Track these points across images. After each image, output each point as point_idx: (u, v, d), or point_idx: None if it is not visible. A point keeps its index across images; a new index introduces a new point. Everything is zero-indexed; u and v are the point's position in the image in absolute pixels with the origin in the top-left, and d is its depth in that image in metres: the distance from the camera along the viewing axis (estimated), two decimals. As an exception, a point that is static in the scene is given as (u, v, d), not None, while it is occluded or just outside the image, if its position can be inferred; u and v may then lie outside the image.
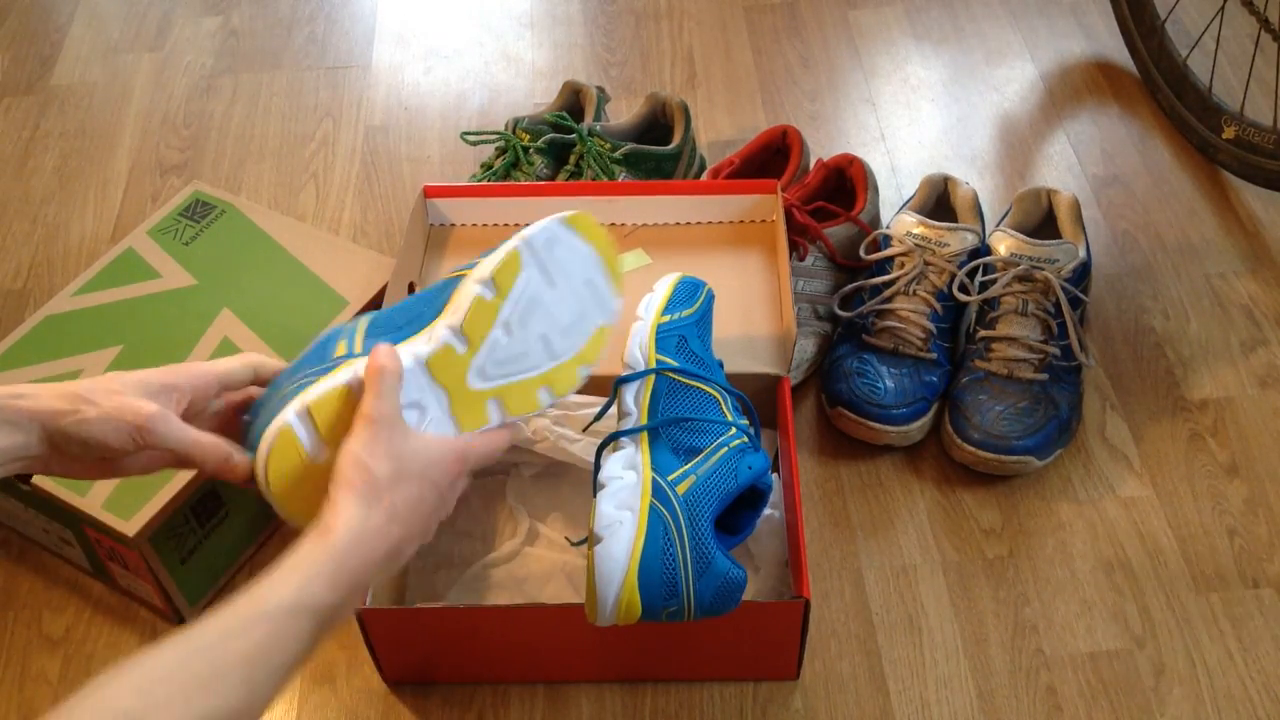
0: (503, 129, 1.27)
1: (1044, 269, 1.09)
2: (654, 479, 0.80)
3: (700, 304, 0.93)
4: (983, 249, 1.14)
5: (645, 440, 0.83)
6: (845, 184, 1.25)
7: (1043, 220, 1.19)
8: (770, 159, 1.28)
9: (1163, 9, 1.37)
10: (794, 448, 0.95)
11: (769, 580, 0.96)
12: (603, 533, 0.77)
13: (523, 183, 1.23)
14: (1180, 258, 1.25)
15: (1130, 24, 1.41)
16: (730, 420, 0.85)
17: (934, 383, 1.09)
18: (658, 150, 1.27)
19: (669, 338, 0.88)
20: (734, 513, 0.84)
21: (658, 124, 1.32)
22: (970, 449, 1.04)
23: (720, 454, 0.82)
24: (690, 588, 0.77)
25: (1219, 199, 1.30)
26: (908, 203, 1.19)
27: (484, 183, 1.24)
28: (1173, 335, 1.18)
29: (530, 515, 1.02)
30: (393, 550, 0.69)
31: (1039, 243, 1.11)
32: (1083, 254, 1.12)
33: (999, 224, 1.17)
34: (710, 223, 1.17)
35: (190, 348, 1.06)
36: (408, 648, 0.92)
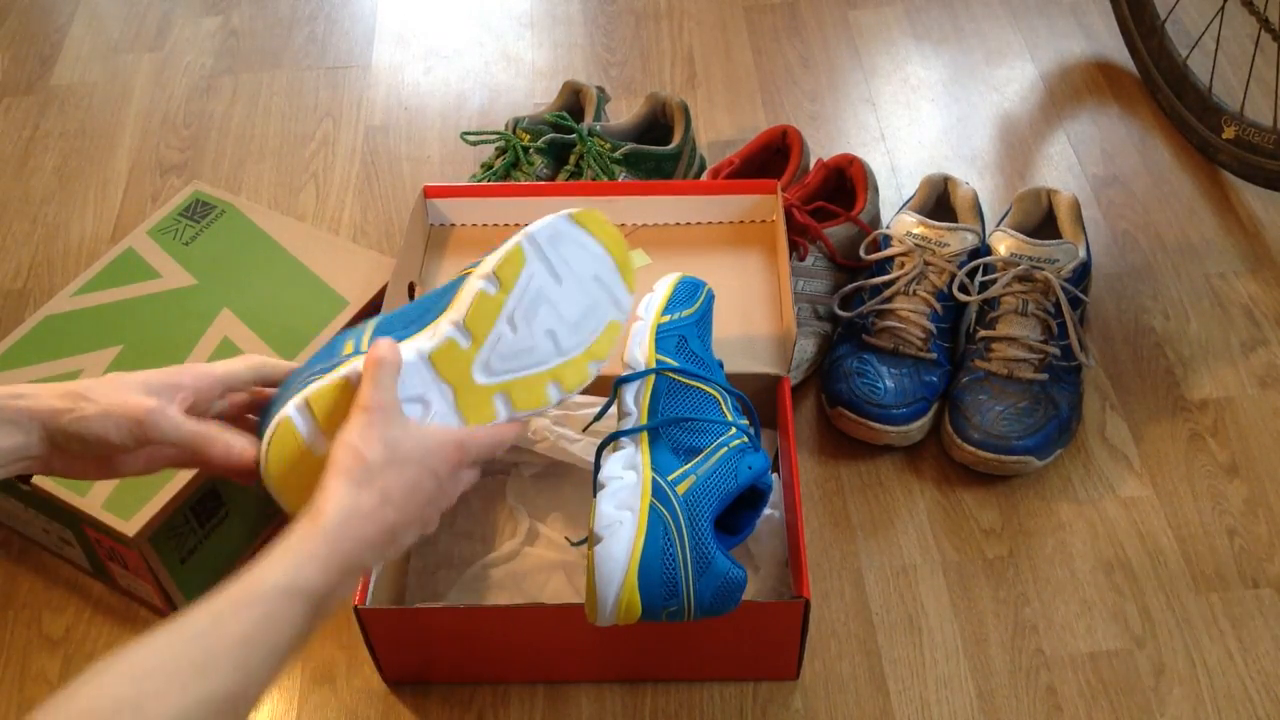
0: (503, 129, 1.27)
1: (1044, 269, 1.09)
2: (654, 479, 0.80)
3: (700, 304, 0.93)
4: (983, 249, 1.14)
5: (645, 440, 0.83)
6: (845, 184, 1.25)
7: (1043, 220, 1.19)
8: (770, 159, 1.28)
9: (1163, 9, 1.37)
10: (794, 448, 0.95)
11: (769, 580, 0.96)
12: (603, 533, 0.77)
13: (523, 183, 1.23)
14: (1180, 258, 1.25)
15: (1130, 24, 1.41)
16: (730, 420, 0.85)
17: (934, 383, 1.09)
18: (658, 150, 1.27)
19: (669, 338, 0.88)
20: (734, 513, 0.84)
21: (658, 124, 1.32)
22: (970, 449, 1.04)
23: (720, 454, 0.82)
24: (690, 588, 0.77)
25: (1219, 199, 1.30)
26: (908, 203, 1.19)
27: (484, 183, 1.24)
28: (1173, 335, 1.18)
29: (530, 515, 1.02)
30: (386, 533, 0.69)
31: (1039, 243, 1.11)
32: (1083, 254, 1.12)
33: (999, 224, 1.17)
34: (710, 223, 1.17)
35: (190, 348, 1.06)
36: (408, 648, 0.92)
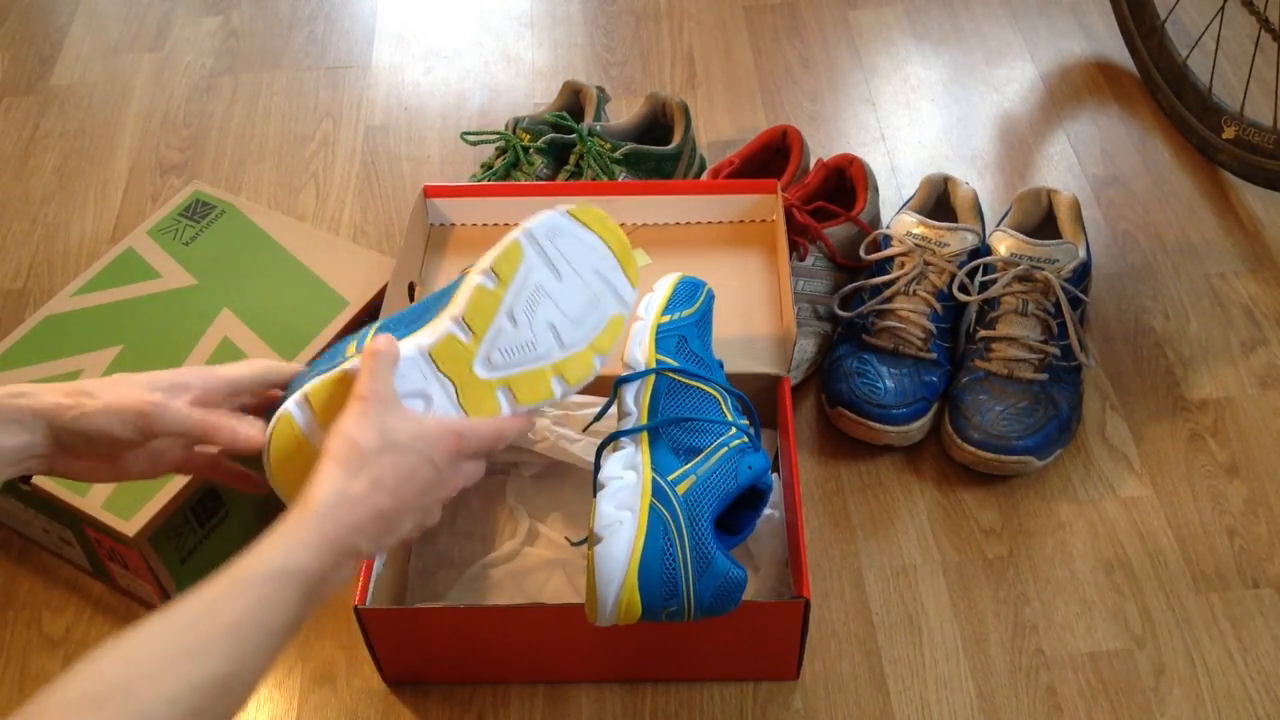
0: (503, 129, 1.27)
1: (1044, 269, 1.09)
2: (654, 479, 0.80)
3: (700, 304, 0.93)
4: (983, 249, 1.14)
5: (645, 440, 0.83)
6: (845, 184, 1.25)
7: (1043, 220, 1.19)
8: (770, 159, 1.28)
9: (1163, 9, 1.37)
10: (794, 448, 0.95)
11: (769, 580, 0.96)
12: (603, 533, 0.77)
13: (523, 183, 1.23)
14: (1180, 258, 1.25)
15: (1130, 24, 1.41)
16: (730, 420, 0.85)
17: (934, 383, 1.09)
18: (658, 150, 1.27)
19: (669, 338, 0.88)
20: (734, 513, 0.84)
21: (658, 124, 1.32)
22: (970, 449, 1.04)
23: (720, 454, 0.82)
24: (690, 588, 0.77)
25: (1219, 199, 1.30)
26: (908, 203, 1.19)
27: (484, 183, 1.24)
28: (1173, 335, 1.18)
29: (530, 515, 1.02)
30: (379, 518, 0.68)
31: (1039, 243, 1.11)
32: (1083, 254, 1.12)
33: (999, 224, 1.17)
34: (710, 223, 1.17)
35: (190, 348, 1.06)
36: (408, 648, 0.92)
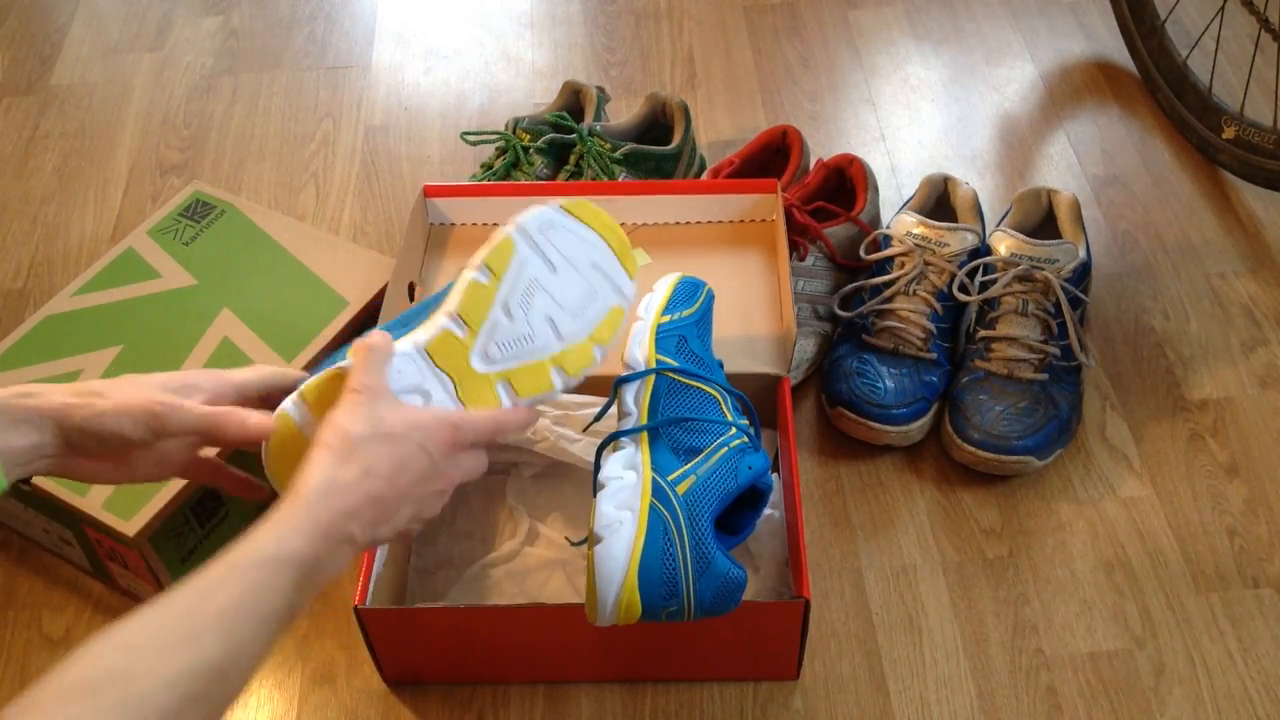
0: (503, 129, 1.27)
1: (1044, 269, 1.09)
2: (654, 479, 0.80)
3: (700, 304, 0.93)
4: (983, 249, 1.14)
5: (645, 440, 0.83)
6: (845, 184, 1.25)
7: (1043, 220, 1.19)
8: (770, 159, 1.28)
9: (1163, 9, 1.37)
10: (794, 448, 0.95)
11: (769, 580, 0.96)
12: (603, 533, 0.77)
13: (523, 183, 1.23)
14: (1180, 258, 1.25)
15: (1130, 24, 1.41)
16: (730, 420, 0.85)
17: (934, 383, 1.08)
18: (658, 150, 1.27)
19: (669, 338, 0.88)
20: (734, 513, 0.84)
21: (658, 124, 1.32)
22: (970, 449, 1.04)
23: (720, 454, 0.82)
24: (690, 588, 0.77)
25: (1219, 199, 1.30)
26: (908, 203, 1.19)
27: (484, 183, 1.24)
28: (1173, 335, 1.18)
29: (530, 515, 1.02)
30: (370, 504, 0.68)
31: (1039, 243, 1.11)
32: (1083, 254, 1.12)
33: (999, 224, 1.17)
34: (710, 223, 1.17)
35: (190, 348, 1.06)
36: (408, 648, 0.92)
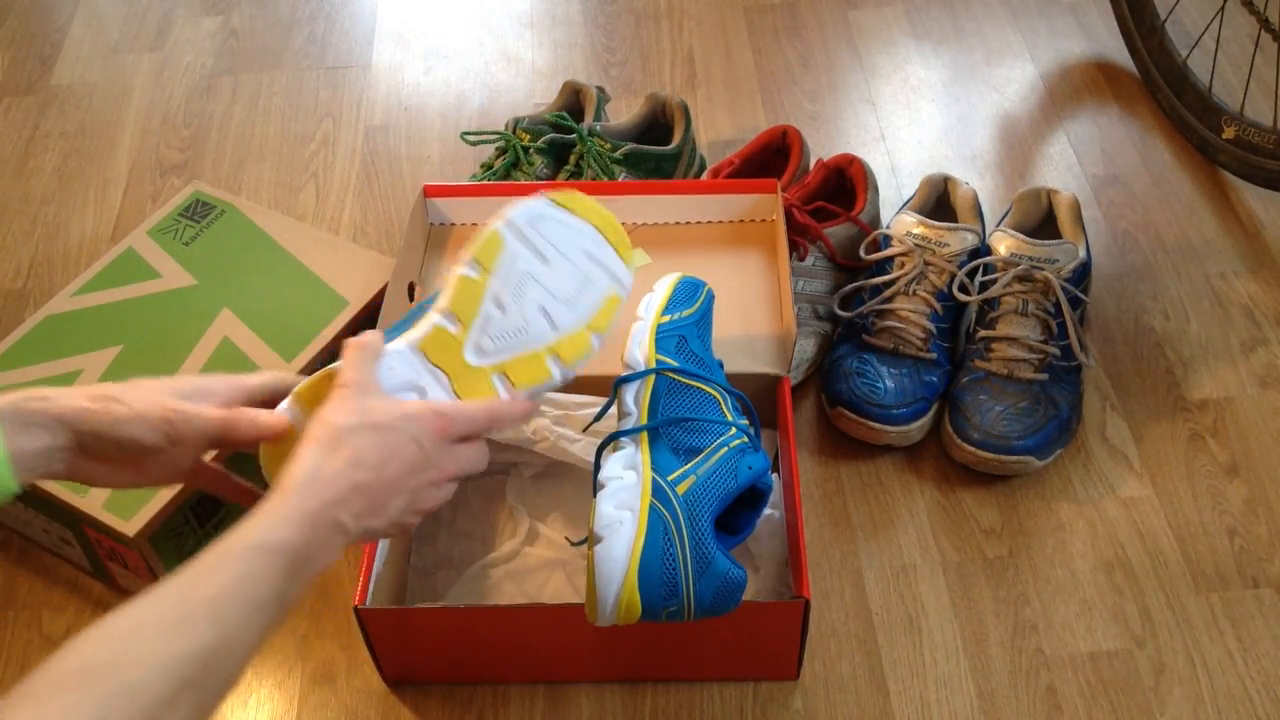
0: (503, 129, 1.27)
1: (1044, 269, 1.09)
2: (654, 479, 0.80)
3: (700, 304, 0.93)
4: (983, 249, 1.14)
5: (645, 440, 0.83)
6: (845, 184, 1.25)
7: (1043, 220, 1.19)
8: (770, 159, 1.28)
9: (1163, 9, 1.37)
10: (794, 448, 0.95)
11: (769, 580, 0.96)
12: (603, 533, 0.77)
13: (523, 182, 1.23)
14: (1180, 258, 1.25)
15: (1130, 24, 1.41)
16: (730, 420, 0.85)
17: (934, 383, 1.08)
18: (658, 150, 1.27)
19: (669, 338, 0.88)
20: (734, 513, 0.84)
21: (658, 124, 1.32)
22: (970, 449, 1.04)
23: (720, 454, 0.82)
24: (690, 588, 0.77)
25: (1219, 199, 1.30)
26: (908, 203, 1.19)
27: (484, 182, 1.24)
28: (1173, 335, 1.18)
29: (530, 515, 1.02)
30: (358, 492, 0.68)
31: (1039, 243, 1.11)
32: (1083, 254, 1.12)
33: (999, 224, 1.17)
34: (710, 223, 1.17)
35: (190, 348, 1.06)
36: (408, 648, 0.92)
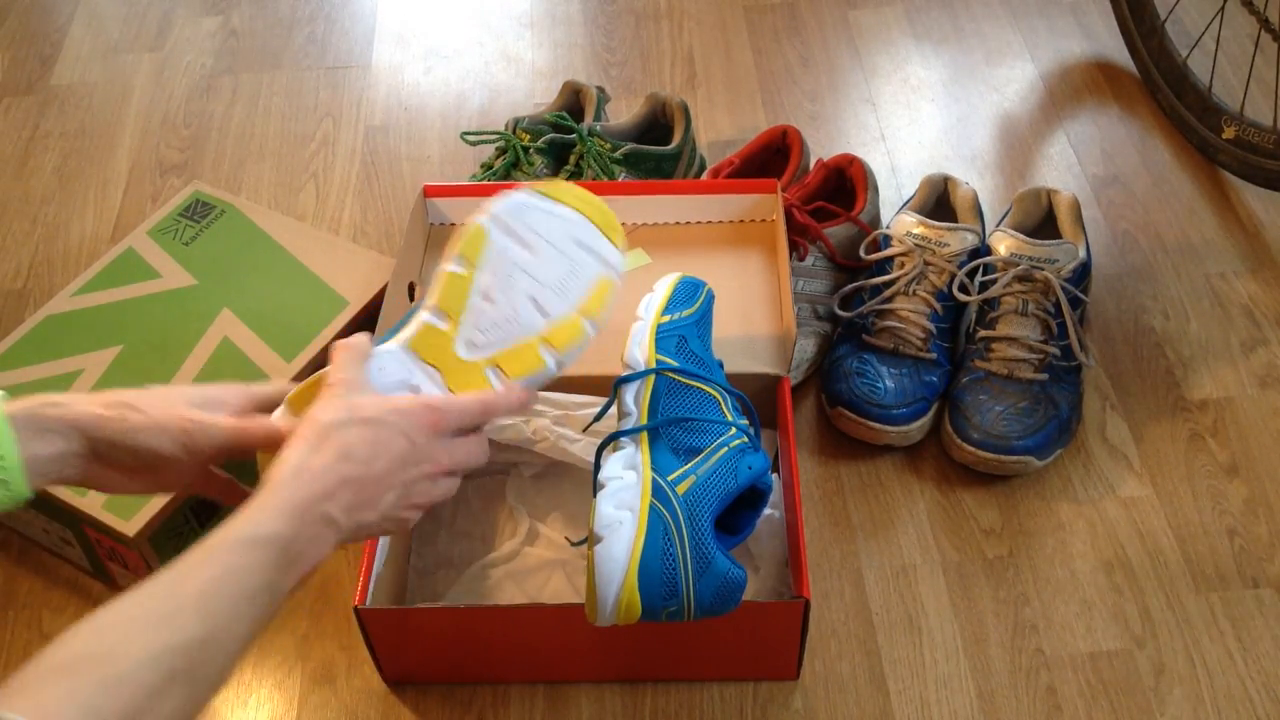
0: (503, 129, 1.27)
1: (1044, 269, 1.09)
2: (654, 479, 0.80)
3: (700, 304, 0.93)
4: (983, 249, 1.14)
5: (645, 440, 0.83)
6: (845, 184, 1.25)
7: (1043, 220, 1.19)
8: (770, 159, 1.28)
9: (1163, 9, 1.37)
10: (794, 448, 0.95)
11: (769, 580, 0.96)
12: (603, 533, 0.77)
13: (522, 182, 1.23)
14: (1180, 258, 1.25)
15: (1130, 24, 1.41)
16: (730, 420, 0.85)
17: (934, 383, 1.08)
18: (658, 150, 1.27)
19: (669, 338, 0.88)
20: (734, 513, 0.84)
21: (658, 124, 1.32)
22: (970, 449, 1.04)
23: (720, 454, 0.82)
24: (690, 588, 0.77)
25: (1219, 199, 1.30)
26: (908, 203, 1.19)
27: (484, 182, 1.24)
28: (1173, 335, 1.18)
29: (530, 515, 1.02)
30: (345, 485, 0.68)
31: (1039, 243, 1.11)
32: (1083, 254, 1.12)
33: (999, 224, 1.17)
34: (710, 223, 1.17)
35: (190, 348, 1.06)
36: (408, 648, 0.92)
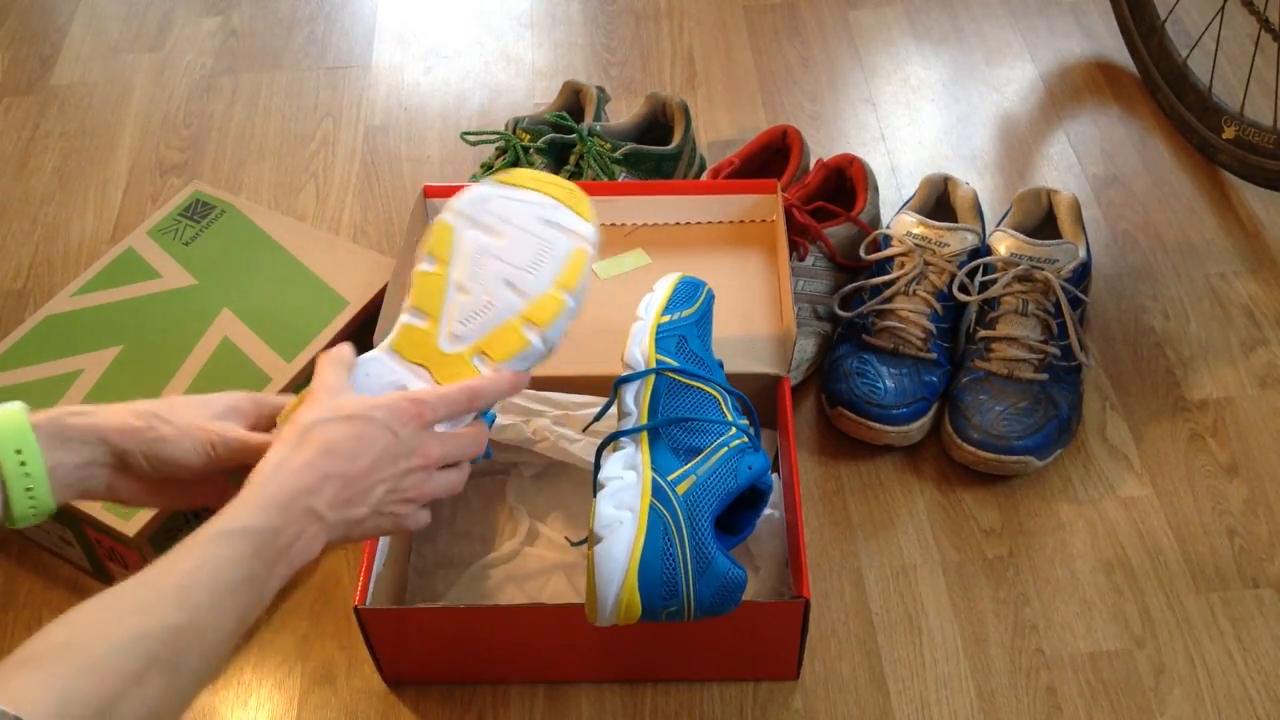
0: (503, 129, 1.27)
1: (1044, 269, 1.09)
2: (654, 479, 0.80)
3: (700, 304, 0.93)
4: (983, 249, 1.14)
5: (645, 440, 0.83)
6: (845, 184, 1.25)
7: (1043, 220, 1.19)
8: (770, 159, 1.28)
9: (1163, 9, 1.37)
10: (794, 448, 0.95)
11: (769, 580, 0.96)
12: (603, 533, 0.77)
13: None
14: (1180, 258, 1.25)
15: (1130, 24, 1.41)
16: (730, 420, 0.85)
17: (934, 383, 1.08)
18: (658, 150, 1.27)
19: (669, 338, 0.88)
20: (734, 513, 0.84)
21: (658, 124, 1.32)
22: (970, 449, 1.04)
23: (720, 454, 0.82)
24: (690, 588, 0.77)
25: (1219, 199, 1.30)
26: (908, 203, 1.19)
27: (484, 183, 1.24)
28: (1173, 335, 1.18)
29: (530, 515, 1.02)
30: (328, 480, 0.68)
31: (1039, 243, 1.11)
32: (1083, 254, 1.12)
33: (999, 224, 1.17)
34: (710, 223, 1.17)
35: (190, 348, 1.06)
36: (408, 648, 0.92)
